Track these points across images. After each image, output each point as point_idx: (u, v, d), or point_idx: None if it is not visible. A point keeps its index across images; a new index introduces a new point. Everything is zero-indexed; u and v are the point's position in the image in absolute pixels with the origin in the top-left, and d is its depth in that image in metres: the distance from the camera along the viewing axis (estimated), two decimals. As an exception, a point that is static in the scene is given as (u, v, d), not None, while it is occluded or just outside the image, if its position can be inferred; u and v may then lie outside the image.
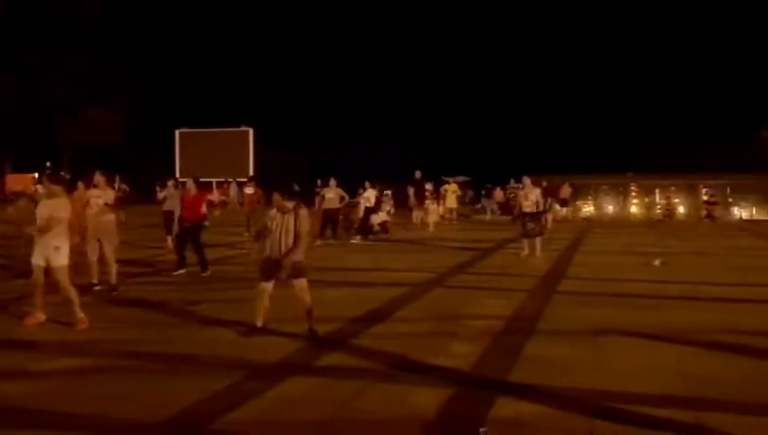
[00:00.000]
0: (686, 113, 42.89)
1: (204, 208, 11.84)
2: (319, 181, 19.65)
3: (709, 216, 29.68)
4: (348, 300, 9.18)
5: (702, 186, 31.39)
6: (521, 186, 16.28)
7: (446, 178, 28.79)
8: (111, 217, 9.94)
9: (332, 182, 18.13)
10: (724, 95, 42.03)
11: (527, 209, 14.77)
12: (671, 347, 6.69)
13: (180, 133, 43.41)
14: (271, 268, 6.99)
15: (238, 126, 42.59)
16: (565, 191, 29.86)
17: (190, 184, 12.19)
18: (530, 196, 14.87)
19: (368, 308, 8.51)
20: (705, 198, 30.80)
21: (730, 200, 31.93)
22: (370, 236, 19.01)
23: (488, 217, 30.77)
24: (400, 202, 26.59)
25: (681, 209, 31.95)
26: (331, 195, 17.87)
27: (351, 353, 6.45)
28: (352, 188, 19.63)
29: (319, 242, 16.83)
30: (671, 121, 42.76)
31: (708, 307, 8.94)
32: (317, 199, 19.48)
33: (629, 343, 6.90)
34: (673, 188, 32.18)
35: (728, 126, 38.30)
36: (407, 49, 49.10)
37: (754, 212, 31.54)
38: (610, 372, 5.89)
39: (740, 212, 31.70)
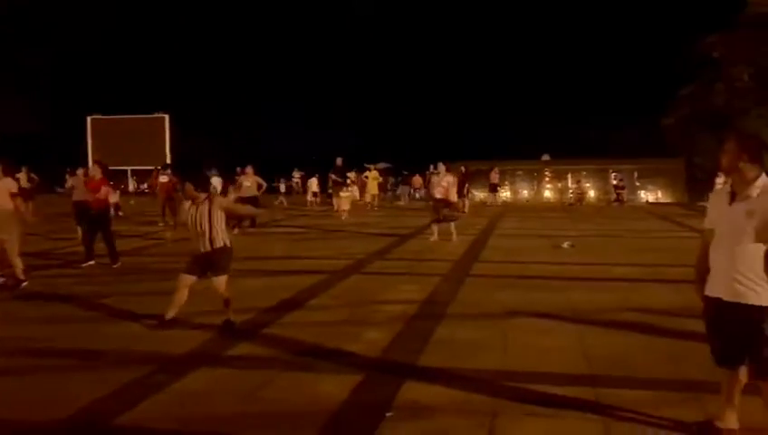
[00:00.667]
0: (595, 101, 44.54)
1: (110, 196, 11.42)
2: (238, 169, 19.36)
3: (618, 199, 30.83)
4: (263, 289, 9.09)
5: (611, 170, 32.55)
6: (437, 171, 16.46)
7: (368, 166, 28.92)
8: (10, 208, 9.43)
9: (249, 169, 17.87)
10: (631, 84, 43.81)
11: (439, 195, 14.98)
12: (576, 327, 6.93)
13: (92, 120, 41.84)
14: (201, 263, 6.90)
15: (153, 113, 41.47)
16: (494, 177, 30.44)
17: (94, 170, 11.73)
18: (442, 182, 15.08)
19: (282, 297, 8.46)
20: (614, 182, 31.94)
21: (637, 184, 33.24)
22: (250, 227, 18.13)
23: (405, 202, 31.07)
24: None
25: (592, 193, 33.07)
26: (248, 183, 17.64)
27: (262, 343, 6.40)
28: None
29: (236, 231, 16.61)
30: (582, 109, 44.33)
31: (613, 287, 9.28)
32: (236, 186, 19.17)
33: (537, 325, 7.08)
34: (584, 172, 33.24)
35: (634, 113, 39.93)
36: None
37: (660, 195, 32.96)
38: (517, 354, 6.04)
39: (646, 196, 33.05)
